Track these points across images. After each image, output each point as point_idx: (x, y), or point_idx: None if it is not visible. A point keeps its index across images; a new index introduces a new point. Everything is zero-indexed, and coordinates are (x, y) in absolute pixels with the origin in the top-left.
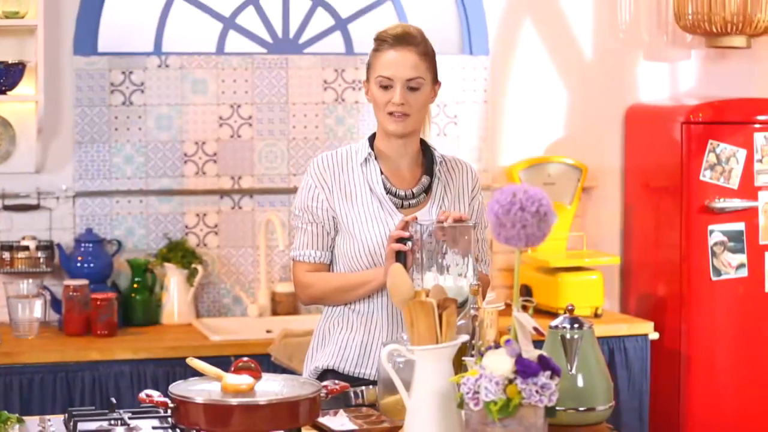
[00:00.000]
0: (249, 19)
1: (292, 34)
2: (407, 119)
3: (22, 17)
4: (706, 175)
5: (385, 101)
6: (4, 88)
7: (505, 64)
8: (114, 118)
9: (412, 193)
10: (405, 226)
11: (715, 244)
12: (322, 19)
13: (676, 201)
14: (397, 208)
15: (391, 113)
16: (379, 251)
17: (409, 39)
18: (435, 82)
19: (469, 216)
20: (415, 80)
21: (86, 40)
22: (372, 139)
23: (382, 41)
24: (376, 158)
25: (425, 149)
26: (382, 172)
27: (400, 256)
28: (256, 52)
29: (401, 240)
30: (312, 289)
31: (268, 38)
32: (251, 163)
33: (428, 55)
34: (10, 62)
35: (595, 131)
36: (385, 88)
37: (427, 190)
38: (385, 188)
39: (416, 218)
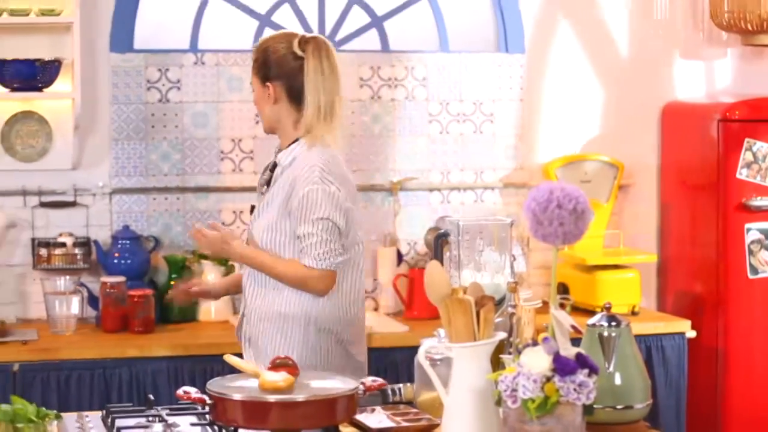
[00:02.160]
0: (285, 16)
1: (327, 31)
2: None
3: (58, 14)
4: (742, 173)
5: None
6: (40, 85)
7: (541, 62)
8: (150, 115)
9: (260, 185)
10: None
11: (752, 242)
12: (358, 17)
13: (712, 199)
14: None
15: None
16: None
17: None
18: (263, 83)
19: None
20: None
21: (122, 37)
22: None
23: None
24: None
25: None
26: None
27: (438, 253)
28: None
29: (443, 236)
30: None
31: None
32: None
33: (255, 61)
34: (46, 59)
35: (632, 129)
36: None
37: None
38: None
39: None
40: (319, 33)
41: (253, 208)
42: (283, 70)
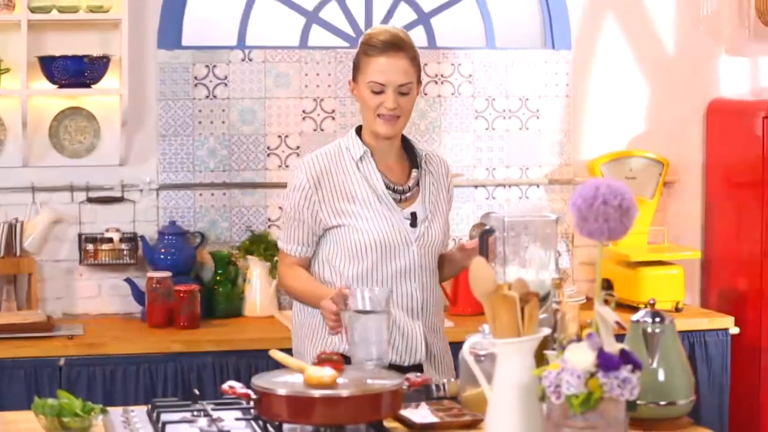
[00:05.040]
0: (332, 13)
1: None
2: (398, 121)
3: (107, 11)
4: None
5: (376, 104)
6: (88, 82)
7: (587, 59)
8: (197, 111)
9: (408, 187)
10: (339, 297)
11: None
12: (404, 14)
13: (757, 196)
14: (396, 202)
15: (380, 115)
16: (383, 244)
17: (399, 45)
18: (419, 82)
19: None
20: (406, 86)
21: (170, 33)
22: (359, 134)
23: (372, 47)
24: (372, 155)
25: (405, 142)
26: (379, 169)
27: (482, 249)
28: (339, 46)
29: (488, 232)
30: (283, 281)
31: (351, 32)
32: None
33: (416, 60)
34: (94, 56)
35: (677, 126)
36: (377, 92)
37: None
38: (385, 185)
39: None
40: (365, 29)
41: (414, 215)
42: None
